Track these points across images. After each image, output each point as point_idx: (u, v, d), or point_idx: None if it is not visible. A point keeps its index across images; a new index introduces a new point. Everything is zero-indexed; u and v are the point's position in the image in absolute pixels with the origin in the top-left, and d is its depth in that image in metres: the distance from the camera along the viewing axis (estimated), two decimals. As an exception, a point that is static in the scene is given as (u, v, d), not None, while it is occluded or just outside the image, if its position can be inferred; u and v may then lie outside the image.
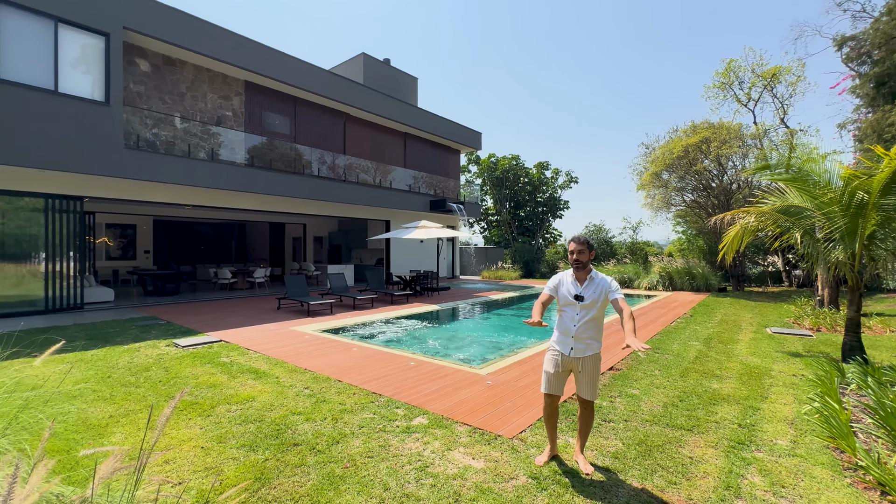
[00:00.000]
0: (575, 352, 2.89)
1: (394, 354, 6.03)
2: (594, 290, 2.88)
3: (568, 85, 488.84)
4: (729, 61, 17.18)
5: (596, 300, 2.86)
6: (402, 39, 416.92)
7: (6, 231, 8.89)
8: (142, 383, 4.67)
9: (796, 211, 6.20)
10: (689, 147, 15.37)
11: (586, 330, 2.88)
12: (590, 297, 2.87)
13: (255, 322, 8.47)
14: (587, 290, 2.89)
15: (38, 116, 8.26)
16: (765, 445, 3.34)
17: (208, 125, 11.73)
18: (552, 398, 3.01)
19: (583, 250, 2.89)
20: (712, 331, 7.98)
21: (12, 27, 8.12)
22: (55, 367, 5.20)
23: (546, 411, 3.03)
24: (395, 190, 17.01)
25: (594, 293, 2.87)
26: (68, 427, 3.50)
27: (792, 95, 16.69)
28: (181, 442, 3.27)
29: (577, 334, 2.88)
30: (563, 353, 2.93)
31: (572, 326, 2.90)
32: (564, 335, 2.95)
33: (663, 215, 18.89)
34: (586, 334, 2.88)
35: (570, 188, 30.09)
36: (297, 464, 2.96)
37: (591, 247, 2.96)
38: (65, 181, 9.46)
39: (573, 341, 2.90)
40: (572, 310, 2.93)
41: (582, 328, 2.88)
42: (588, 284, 2.91)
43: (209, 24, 11.06)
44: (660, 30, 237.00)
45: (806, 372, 5.29)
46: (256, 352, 6.09)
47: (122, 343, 6.51)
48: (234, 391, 4.42)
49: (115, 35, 9.30)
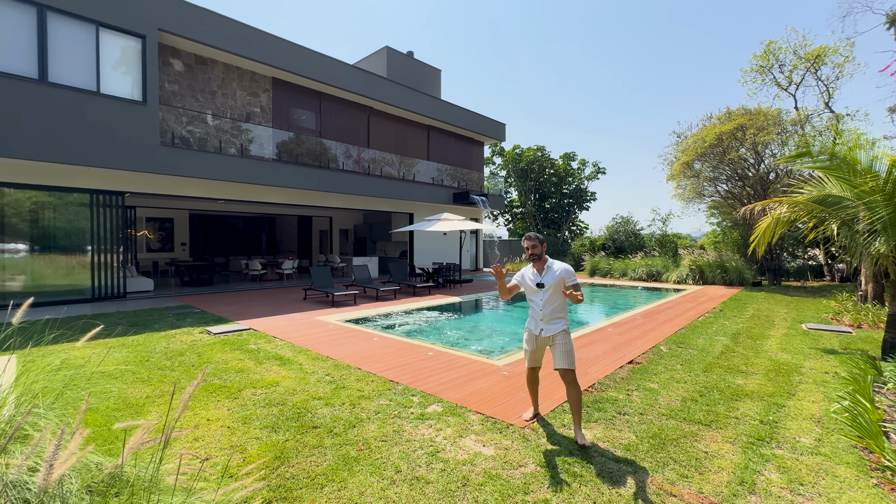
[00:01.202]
0: (545, 331, 3.37)
1: (413, 344, 6.15)
2: (552, 276, 3.35)
3: (597, 72, 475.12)
4: (768, 43, 16.24)
5: (554, 284, 3.33)
6: (426, 30, 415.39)
7: (57, 225, 9.55)
8: (176, 367, 4.98)
9: (834, 201, 5.88)
10: (722, 135, 14.70)
11: (552, 311, 3.35)
12: (549, 282, 3.35)
13: (282, 311, 8.79)
14: (546, 278, 3.37)
15: (83, 117, 8.79)
16: (786, 443, 3.25)
17: (238, 122, 12.15)
18: (533, 370, 3.59)
19: (536, 245, 3.39)
20: (741, 326, 7.70)
21: (59, 34, 8.65)
22: (99, 350, 5.60)
23: (529, 379, 3.62)
24: (419, 183, 17.12)
25: (552, 279, 3.34)
26: (109, 405, 3.79)
27: (838, 78, 15.62)
28: (210, 421, 3.49)
29: (543, 316, 3.37)
30: (535, 332, 3.43)
31: (539, 310, 3.40)
32: (534, 318, 3.46)
33: (695, 206, 18.21)
34: (552, 314, 3.36)
35: (597, 179, 29.39)
36: (315, 445, 3.10)
37: (542, 241, 3.44)
38: (107, 177, 10.05)
39: (542, 323, 3.38)
40: (537, 296, 3.42)
41: (547, 310, 3.36)
42: (546, 273, 3.38)
43: (239, 24, 11.40)
44: (694, 13, 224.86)
45: (840, 370, 5.06)
46: (282, 340, 6.35)
47: (160, 330, 6.92)
48: (260, 376, 4.64)
49: (151, 37, 9.75)
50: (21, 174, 8.98)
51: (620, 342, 6.32)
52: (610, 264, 18.16)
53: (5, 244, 8.92)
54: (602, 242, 22.86)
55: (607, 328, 7.35)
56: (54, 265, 9.53)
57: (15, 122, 8.06)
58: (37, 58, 8.38)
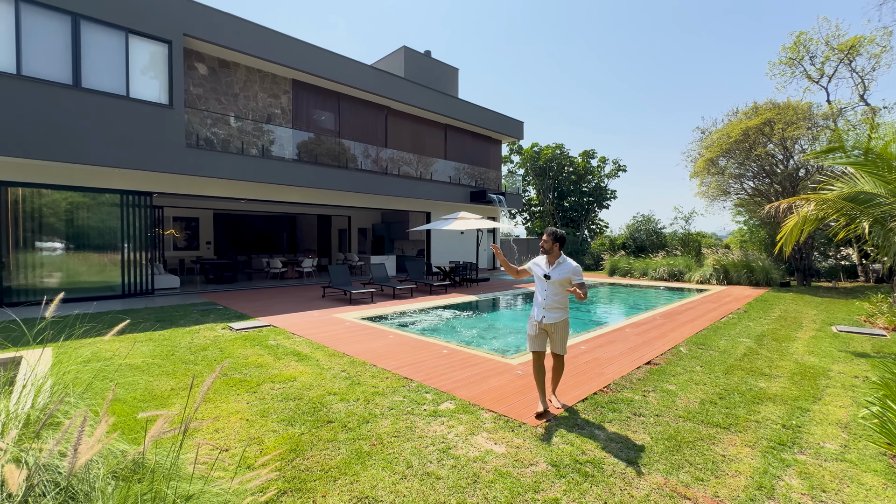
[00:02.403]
0: (546, 319, 3.64)
1: (428, 342, 6.19)
2: (560, 272, 3.62)
3: (617, 68, 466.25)
4: (798, 34, 15.63)
5: (560, 279, 3.59)
6: (443, 29, 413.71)
7: (91, 224, 9.99)
8: (199, 361, 5.15)
9: (866, 198, 5.63)
10: (749, 130, 14.23)
11: (553, 301, 3.63)
12: (556, 276, 3.61)
13: (301, 309, 8.98)
14: (554, 272, 3.64)
15: (114, 120, 9.17)
16: (809, 448, 3.14)
17: (259, 123, 12.44)
18: (538, 354, 3.74)
19: (547, 240, 3.68)
20: (767, 327, 7.46)
21: (92, 41, 9.04)
22: (126, 344, 5.84)
23: (535, 366, 3.75)
24: (436, 182, 17.17)
25: (560, 274, 3.61)
26: (136, 396, 3.95)
27: (874, 69, 14.93)
28: (230, 414, 3.60)
29: (545, 304, 3.65)
30: (537, 319, 3.70)
31: (542, 299, 3.69)
32: (537, 305, 3.74)
33: (719, 204, 17.69)
34: (553, 304, 3.63)
35: (617, 177, 28.85)
36: (329, 439, 3.17)
37: (557, 239, 3.67)
38: (136, 178, 10.45)
39: (544, 311, 3.66)
40: (542, 285, 3.70)
41: (549, 300, 3.63)
42: (556, 267, 3.65)
43: (260, 27, 11.66)
44: (718, 5, 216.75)
45: (871, 374, 4.85)
46: (300, 336, 6.48)
47: (185, 325, 7.17)
48: (279, 371, 4.76)
49: (177, 42, 10.08)
50: (57, 176, 9.43)
51: (639, 342, 6.22)
52: (630, 263, 17.83)
53: (43, 243, 9.39)
54: (622, 241, 22.46)
55: (625, 328, 7.23)
56: (88, 263, 9.97)
57: (51, 127, 8.47)
58: (71, 64, 8.78)
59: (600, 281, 16.55)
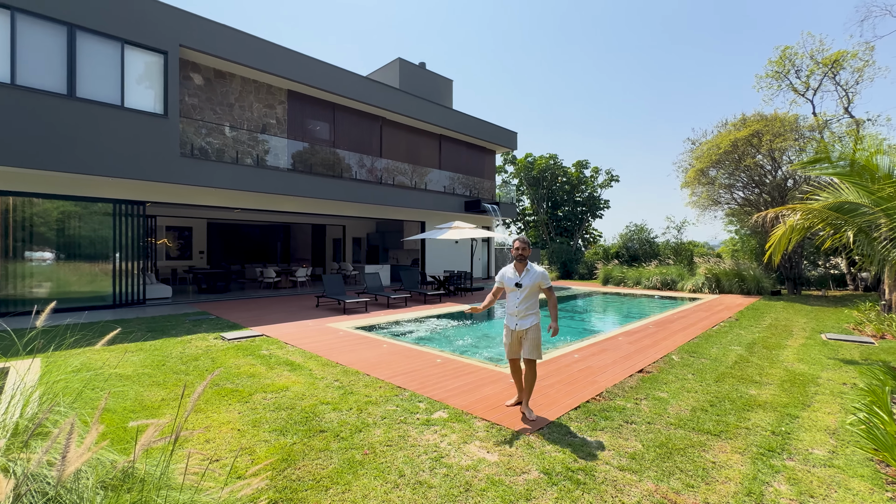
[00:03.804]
0: (519, 326, 3.78)
1: (421, 351, 6.19)
2: (530, 278, 3.78)
3: (610, 79, 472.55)
4: (784, 48, 16.03)
5: (531, 286, 3.76)
6: (438, 40, 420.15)
7: (82, 233, 9.92)
8: (191, 371, 5.11)
9: (850, 208, 5.76)
10: (738, 141, 14.50)
11: (525, 308, 3.77)
12: (526, 283, 3.77)
13: (295, 318, 8.94)
14: (525, 279, 3.79)
15: (108, 129, 9.17)
16: (798, 454, 3.18)
17: (254, 133, 12.48)
18: (514, 360, 3.96)
19: (526, 248, 3.84)
20: (758, 335, 7.53)
21: (87, 51, 9.07)
22: (117, 354, 5.78)
23: (512, 369, 4.01)
24: (431, 191, 17.26)
25: (530, 281, 3.77)
26: (126, 406, 3.91)
27: (858, 82, 15.32)
28: (221, 424, 3.58)
29: (517, 312, 3.79)
30: (511, 327, 3.85)
31: (514, 307, 3.82)
32: (510, 314, 3.87)
33: (710, 214, 17.90)
34: (525, 311, 3.77)
35: (610, 187, 29.14)
36: (322, 448, 3.16)
37: (530, 245, 3.90)
38: (129, 188, 10.42)
39: (516, 318, 3.80)
40: (514, 294, 3.84)
41: (521, 307, 3.77)
42: (525, 274, 3.81)
43: (256, 39, 11.78)
44: (708, 18, 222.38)
45: (859, 381, 4.91)
46: (293, 346, 6.45)
47: (177, 335, 7.11)
48: (271, 381, 4.74)
49: (173, 52, 10.15)
50: (49, 185, 9.38)
51: (631, 351, 6.25)
52: (623, 272, 17.95)
53: (34, 252, 9.30)
54: (615, 251, 22.62)
55: (618, 337, 7.27)
56: (78, 272, 9.87)
57: (46, 136, 8.45)
58: (66, 74, 8.80)
59: (594, 290, 16.63)
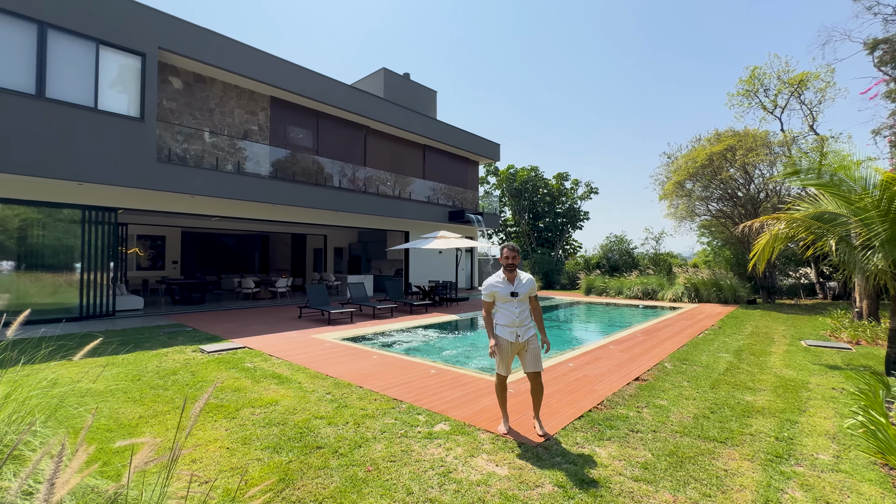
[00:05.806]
0: (520, 337, 3.49)
1: (414, 362, 6.01)
2: (525, 287, 3.56)
3: (590, 94, 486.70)
4: (753, 68, 16.84)
5: (526, 293, 3.56)
6: (422, 53, 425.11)
7: (46, 242, 9.33)
8: (170, 386, 4.78)
9: (830, 217, 5.97)
10: (713, 155, 15.04)
11: (526, 318, 3.53)
12: (522, 292, 3.53)
13: (278, 330, 8.59)
14: (519, 287, 3.55)
15: (80, 132, 8.71)
16: (805, 460, 3.17)
17: (235, 139, 12.14)
18: (505, 379, 3.65)
19: (516, 256, 3.58)
20: (743, 343, 7.68)
21: (59, 50, 8.65)
22: (88, 369, 5.37)
23: (500, 387, 3.67)
24: (414, 201, 17.15)
25: (524, 288, 3.55)
26: (101, 425, 3.59)
27: (821, 102, 16.18)
28: (207, 442, 3.32)
29: (519, 322, 3.49)
30: (511, 340, 3.50)
31: (514, 318, 3.50)
32: (510, 326, 3.52)
33: (687, 225, 18.45)
34: (526, 321, 3.53)
35: (590, 199, 29.74)
36: (320, 466, 2.95)
37: (519, 253, 3.64)
38: (101, 193, 9.91)
39: (517, 329, 3.50)
40: (510, 305, 3.53)
41: (522, 317, 3.51)
42: (518, 283, 3.57)
43: (238, 43, 11.52)
44: (680, 37, 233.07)
45: (847, 385, 5.02)
46: (279, 358, 6.16)
47: (151, 348, 6.70)
48: (258, 395, 4.47)
49: (151, 55, 9.79)
50: (11, 189, 8.81)
51: (624, 359, 6.24)
52: (605, 282, 18.19)
53: (-8, 261, 8.67)
54: (596, 261, 22.98)
55: (609, 345, 7.27)
56: (40, 283, 9.25)
57: (9, 138, 7.95)
58: (35, 73, 8.34)
59: (578, 300, 16.77)
